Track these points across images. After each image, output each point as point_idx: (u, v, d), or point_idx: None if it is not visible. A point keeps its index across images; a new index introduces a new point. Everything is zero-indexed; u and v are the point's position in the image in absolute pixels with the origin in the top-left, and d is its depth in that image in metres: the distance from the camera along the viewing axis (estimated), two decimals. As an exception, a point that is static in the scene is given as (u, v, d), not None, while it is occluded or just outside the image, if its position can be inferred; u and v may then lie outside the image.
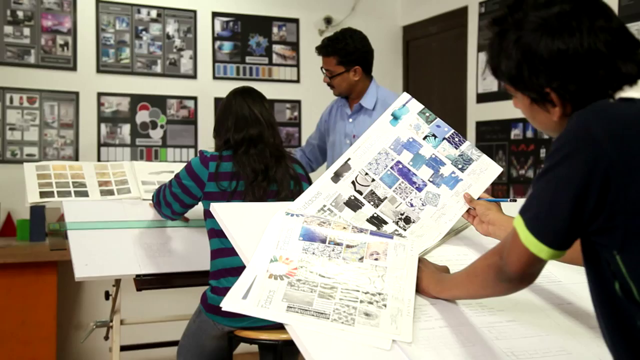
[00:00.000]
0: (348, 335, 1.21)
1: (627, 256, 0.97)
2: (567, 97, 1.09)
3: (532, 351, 1.25)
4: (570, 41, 1.07)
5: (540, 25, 1.08)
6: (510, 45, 1.11)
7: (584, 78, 1.07)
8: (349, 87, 3.08)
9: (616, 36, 1.09)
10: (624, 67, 1.08)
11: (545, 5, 1.11)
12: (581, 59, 1.07)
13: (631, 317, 0.98)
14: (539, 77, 1.09)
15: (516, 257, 1.09)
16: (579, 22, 1.08)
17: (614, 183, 0.97)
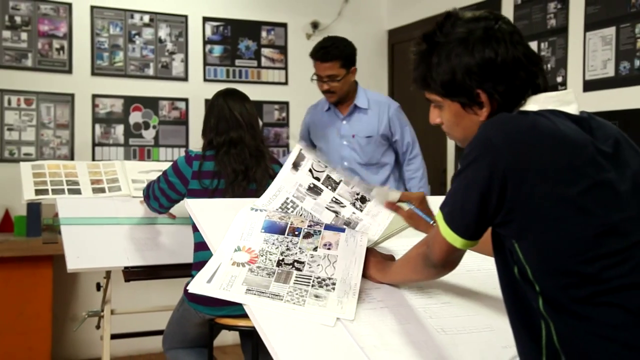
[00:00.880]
0: (298, 314, 1.39)
1: (523, 244, 1.15)
2: (496, 97, 1.26)
3: (460, 328, 1.43)
4: (498, 50, 1.24)
5: (469, 37, 1.25)
6: (442, 55, 1.28)
7: (509, 80, 1.24)
8: (348, 90, 3.15)
9: (528, 49, 1.28)
10: (539, 77, 1.26)
11: (472, 21, 1.28)
12: (508, 65, 1.24)
13: (527, 297, 1.16)
14: (472, 80, 1.26)
15: (438, 247, 1.27)
16: (502, 35, 1.25)
17: (510, 183, 1.14)
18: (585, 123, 1.21)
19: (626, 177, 1.16)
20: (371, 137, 3.16)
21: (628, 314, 1.07)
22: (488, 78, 1.24)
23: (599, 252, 1.09)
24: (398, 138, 3.20)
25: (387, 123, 3.17)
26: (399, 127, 3.19)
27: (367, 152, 3.17)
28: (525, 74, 1.24)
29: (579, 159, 1.13)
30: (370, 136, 3.16)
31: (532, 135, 1.15)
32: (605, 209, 1.11)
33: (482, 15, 1.29)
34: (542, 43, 3.72)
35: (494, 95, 1.24)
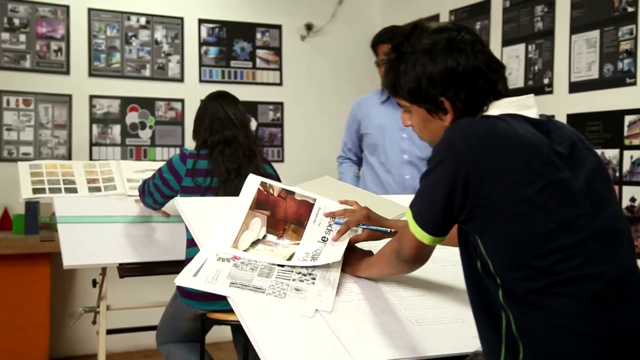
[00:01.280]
0: (279, 306, 1.47)
1: (485, 239, 1.23)
2: (458, 104, 1.34)
3: (432, 319, 1.52)
4: (459, 60, 1.32)
5: (434, 48, 1.33)
6: (409, 64, 1.36)
7: (471, 88, 1.33)
8: None
9: (489, 58, 1.36)
10: (500, 84, 1.34)
11: (437, 32, 1.36)
12: (469, 74, 1.32)
13: (489, 290, 1.24)
14: (436, 89, 1.34)
15: (408, 243, 1.35)
16: (464, 45, 1.34)
17: (472, 183, 1.22)
18: (544, 126, 1.29)
19: (580, 177, 1.24)
20: None
21: (578, 303, 1.15)
22: (450, 86, 1.32)
23: (552, 247, 1.17)
24: None
25: None
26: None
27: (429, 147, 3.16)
28: (486, 82, 1.32)
29: (535, 160, 1.21)
30: None
31: (491, 138, 1.23)
32: (559, 206, 1.19)
33: (446, 27, 1.37)
34: (529, 45, 3.80)
35: (456, 103, 1.33)
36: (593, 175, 1.27)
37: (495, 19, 4.05)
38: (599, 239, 1.20)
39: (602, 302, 1.15)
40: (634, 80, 3.19)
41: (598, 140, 3.33)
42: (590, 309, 1.14)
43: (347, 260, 1.62)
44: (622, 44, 3.25)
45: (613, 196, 1.31)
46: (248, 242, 1.66)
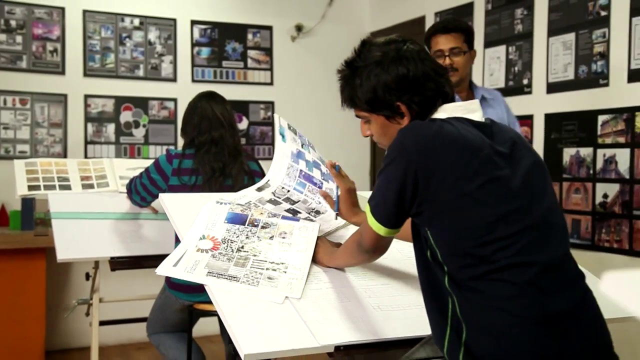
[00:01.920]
0: (252, 293, 1.59)
1: (433, 230, 1.36)
2: (413, 106, 1.47)
3: (394, 305, 1.64)
4: (409, 66, 1.45)
5: (384, 59, 1.46)
6: (363, 76, 1.49)
7: (422, 91, 1.45)
8: (468, 71, 2.79)
9: (434, 64, 1.49)
10: (446, 86, 1.47)
11: (385, 45, 1.50)
12: (418, 78, 1.45)
13: (437, 277, 1.36)
14: (391, 95, 1.47)
15: (367, 235, 1.48)
16: (410, 54, 1.47)
17: (420, 180, 1.35)
18: (487, 128, 1.42)
19: (518, 174, 1.37)
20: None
21: (514, 288, 1.27)
22: (404, 91, 1.45)
23: (491, 238, 1.29)
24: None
25: (506, 117, 2.83)
26: (514, 122, 2.88)
27: None
28: (435, 84, 1.46)
29: (476, 159, 1.33)
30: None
31: (437, 139, 1.36)
32: (497, 201, 1.32)
33: (392, 39, 1.51)
34: (510, 47, 3.92)
35: (411, 105, 1.46)
36: (531, 172, 1.39)
37: (478, 21, 4.18)
38: (534, 229, 1.33)
39: (535, 287, 1.28)
40: (607, 81, 3.32)
41: (573, 139, 3.46)
42: (524, 293, 1.27)
43: (317, 251, 1.74)
44: (595, 46, 3.38)
45: (549, 191, 1.44)
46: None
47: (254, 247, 1.75)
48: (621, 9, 3.24)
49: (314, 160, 1.99)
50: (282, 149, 1.94)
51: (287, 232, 1.80)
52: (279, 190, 1.97)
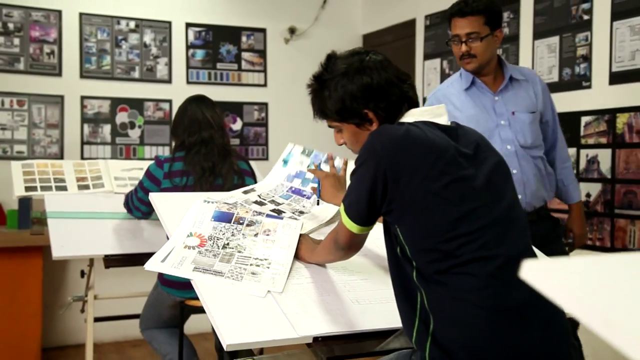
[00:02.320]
0: (236, 288, 1.68)
1: (402, 228, 1.44)
2: (380, 113, 1.56)
3: (371, 299, 1.73)
4: (372, 75, 1.54)
5: (349, 70, 1.56)
6: (331, 88, 1.58)
7: (387, 97, 1.55)
8: (490, 56, 2.56)
9: (397, 71, 1.58)
10: (410, 91, 1.56)
11: (348, 57, 1.60)
12: (382, 86, 1.54)
13: (406, 272, 1.45)
14: (359, 103, 1.56)
15: (342, 233, 1.56)
16: (373, 64, 1.56)
17: (389, 181, 1.43)
18: (453, 131, 1.51)
19: (482, 174, 1.46)
20: (535, 112, 2.61)
21: (477, 280, 1.36)
22: (370, 99, 1.55)
23: (455, 234, 1.38)
24: (549, 119, 2.69)
25: (540, 98, 2.64)
26: (550, 105, 2.68)
27: (533, 131, 2.59)
28: (399, 90, 1.55)
29: (441, 160, 1.42)
30: (534, 111, 2.61)
31: (405, 142, 1.44)
32: (461, 199, 1.40)
33: (356, 51, 1.60)
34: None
35: (378, 112, 1.55)
36: (493, 172, 1.48)
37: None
38: (496, 226, 1.41)
39: (497, 279, 1.36)
40: (589, 83, 3.40)
41: (557, 140, 3.54)
42: (486, 285, 1.35)
43: (299, 248, 1.83)
44: (578, 49, 3.46)
45: (511, 189, 1.52)
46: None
47: (239, 244, 1.83)
48: (603, 13, 3.33)
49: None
50: (277, 172, 2.07)
51: (271, 230, 1.88)
52: (264, 194, 2.07)
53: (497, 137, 2.55)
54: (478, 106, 2.61)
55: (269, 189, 2.13)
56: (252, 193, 2.10)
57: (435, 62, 4.56)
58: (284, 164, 2.16)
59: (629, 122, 3.20)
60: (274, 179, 2.17)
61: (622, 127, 3.23)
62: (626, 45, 3.21)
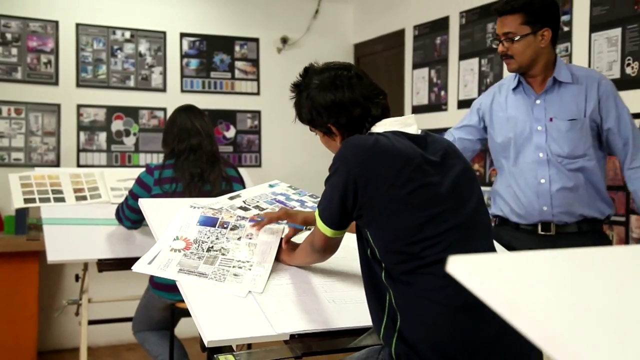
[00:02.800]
0: (218, 288, 1.77)
1: (372, 231, 1.54)
2: (341, 129, 1.67)
3: (347, 299, 1.82)
4: (336, 94, 1.65)
5: (319, 85, 1.67)
6: (304, 99, 1.69)
7: (348, 115, 1.65)
8: (533, 57, 2.42)
9: (367, 89, 1.68)
10: (374, 109, 1.66)
11: (321, 72, 1.71)
12: (345, 104, 1.65)
13: (376, 273, 1.55)
14: (322, 117, 1.68)
15: (318, 236, 1.67)
16: (341, 82, 1.66)
17: (359, 188, 1.53)
18: (421, 140, 1.61)
19: (447, 180, 1.56)
20: (576, 120, 2.41)
21: (440, 280, 1.46)
22: (332, 115, 1.66)
23: (421, 237, 1.48)
24: (612, 126, 2.41)
25: (596, 103, 2.41)
26: (614, 111, 2.41)
27: (571, 140, 2.42)
28: (362, 109, 1.65)
29: (408, 167, 1.52)
30: (575, 119, 2.41)
31: (373, 151, 1.55)
32: (426, 204, 1.50)
33: (330, 67, 1.71)
34: (482, 59, 4.12)
35: (340, 127, 1.66)
36: (459, 178, 1.58)
37: (453, 35, 4.37)
38: (460, 229, 1.51)
39: (458, 279, 1.46)
40: (570, 93, 3.51)
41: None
42: (449, 284, 1.44)
43: (280, 251, 1.93)
44: (560, 59, 3.57)
45: (476, 194, 1.62)
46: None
47: (223, 247, 1.93)
48: (582, 25, 3.44)
49: (302, 199, 2.23)
50: (264, 188, 2.18)
51: (254, 234, 1.98)
52: (250, 200, 2.18)
53: (530, 143, 2.47)
54: (520, 108, 2.51)
55: (254, 195, 2.23)
56: (238, 199, 2.20)
57: (424, 71, 4.66)
58: (270, 187, 2.29)
59: (606, 131, 3.30)
60: (259, 190, 2.28)
61: (601, 135, 3.33)
62: (604, 56, 3.31)
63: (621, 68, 3.22)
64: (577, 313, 0.73)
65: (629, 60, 3.19)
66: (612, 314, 0.73)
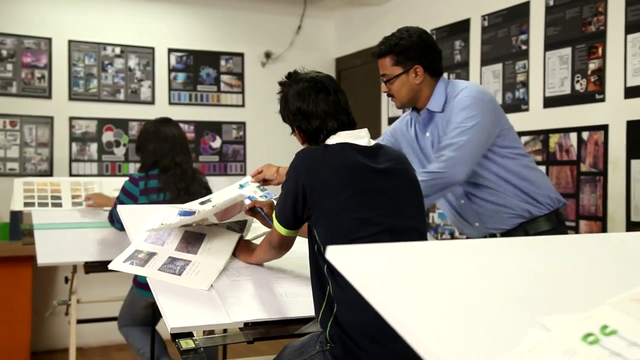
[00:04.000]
0: (183, 282, 2.01)
1: (317, 229, 1.78)
2: (302, 133, 1.91)
3: (298, 293, 2.06)
4: (302, 105, 1.89)
5: (295, 92, 1.90)
6: (283, 101, 1.94)
7: (308, 124, 1.89)
8: (411, 94, 2.46)
9: (330, 105, 1.91)
10: (330, 123, 1.90)
11: (299, 82, 1.93)
12: (307, 114, 1.89)
13: (321, 266, 1.79)
14: (292, 121, 1.91)
15: (274, 235, 1.91)
16: (308, 94, 1.90)
17: (307, 193, 1.77)
18: (370, 151, 1.84)
19: (388, 187, 1.79)
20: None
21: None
22: (296, 120, 1.90)
23: (356, 236, 1.72)
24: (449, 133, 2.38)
25: (440, 130, 2.45)
26: (454, 116, 2.37)
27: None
28: (320, 121, 1.88)
29: (349, 175, 1.76)
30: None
31: (321, 161, 1.79)
32: (362, 208, 1.75)
33: (308, 78, 1.91)
34: (450, 74, 4.37)
35: (301, 131, 1.90)
36: (401, 187, 1.82)
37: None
38: (391, 232, 1.75)
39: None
40: (527, 107, 3.76)
41: (501, 157, 3.89)
42: (374, 277, 1.69)
43: (238, 249, 2.16)
44: (518, 75, 3.83)
45: (414, 202, 1.86)
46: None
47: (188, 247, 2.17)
48: (537, 43, 3.70)
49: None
50: (234, 189, 2.41)
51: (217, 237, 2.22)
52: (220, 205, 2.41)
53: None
54: (414, 142, 2.58)
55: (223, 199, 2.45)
56: (208, 203, 2.43)
57: (398, 85, 4.91)
58: (240, 187, 2.50)
59: (559, 142, 3.55)
60: (229, 191, 2.50)
61: (554, 146, 3.58)
62: (557, 72, 3.57)
63: (571, 84, 3.48)
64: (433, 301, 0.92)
65: (577, 78, 3.44)
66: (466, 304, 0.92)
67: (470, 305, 0.93)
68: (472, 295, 0.97)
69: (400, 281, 1.02)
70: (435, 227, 4.49)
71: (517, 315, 0.90)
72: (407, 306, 0.95)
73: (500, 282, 1.01)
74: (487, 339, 0.84)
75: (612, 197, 3.25)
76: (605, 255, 1.17)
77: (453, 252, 1.14)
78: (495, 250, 1.21)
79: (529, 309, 0.92)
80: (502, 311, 0.92)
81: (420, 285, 1.00)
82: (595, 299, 0.89)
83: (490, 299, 0.96)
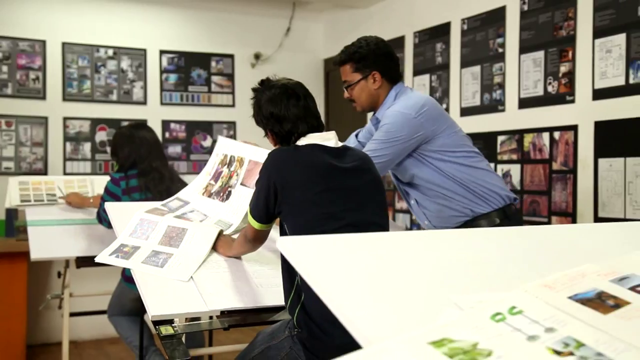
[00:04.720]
0: (165, 274, 2.15)
1: (288, 223, 1.92)
2: (275, 135, 2.05)
3: (273, 284, 2.20)
4: (275, 108, 2.03)
5: (268, 97, 2.04)
6: (257, 106, 2.08)
7: (280, 127, 2.03)
8: (369, 99, 2.62)
9: (300, 109, 2.06)
10: (301, 127, 2.04)
11: (271, 88, 2.07)
12: (279, 118, 2.03)
13: None
14: (265, 125, 2.06)
15: (249, 229, 2.05)
16: (280, 100, 2.04)
17: (278, 190, 1.91)
18: (337, 151, 1.98)
19: (352, 185, 1.94)
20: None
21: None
22: (269, 124, 2.04)
23: (322, 229, 1.86)
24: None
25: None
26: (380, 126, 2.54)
27: (399, 170, 2.64)
28: (291, 125, 2.02)
29: (317, 174, 1.90)
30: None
31: (290, 161, 1.93)
32: (328, 204, 1.89)
33: (280, 85, 2.06)
34: (432, 76, 4.52)
35: (273, 134, 2.04)
36: (365, 184, 1.97)
37: (408, 53, 4.77)
38: (355, 227, 1.89)
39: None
40: (503, 107, 3.91)
41: (479, 156, 4.04)
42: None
43: (217, 243, 2.31)
44: (495, 77, 3.97)
45: (377, 199, 2.00)
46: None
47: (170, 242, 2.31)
48: (512, 47, 3.84)
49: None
50: (203, 172, 2.55)
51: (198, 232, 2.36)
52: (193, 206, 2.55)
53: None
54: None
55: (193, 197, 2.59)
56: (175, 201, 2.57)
57: (383, 85, 5.06)
58: None
59: (533, 142, 3.70)
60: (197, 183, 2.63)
61: (528, 145, 3.73)
62: (530, 75, 3.71)
63: (544, 86, 3.63)
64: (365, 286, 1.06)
65: (550, 80, 3.59)
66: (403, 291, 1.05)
67: (398, 290, 1.07)
68: (401, 280, 1.11)
69: (338, 269, 1.16)
70: (418, 224, 4.64)
71: (438, 298, 1.04)
72: (342, 291, 1.10)
73: (428, 269, 1.16)
74: (409, 318, 0.98)
75: (581, 194, 3.40)
76: (530, 246, 1.31)
77: (390, 243, 1.29)
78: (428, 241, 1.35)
79: (449, 292, 1.06)
80: (426, 294, 1.06)
81: (356, 273, 1.14)
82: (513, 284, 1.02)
83: (417, 284, 1.10)
